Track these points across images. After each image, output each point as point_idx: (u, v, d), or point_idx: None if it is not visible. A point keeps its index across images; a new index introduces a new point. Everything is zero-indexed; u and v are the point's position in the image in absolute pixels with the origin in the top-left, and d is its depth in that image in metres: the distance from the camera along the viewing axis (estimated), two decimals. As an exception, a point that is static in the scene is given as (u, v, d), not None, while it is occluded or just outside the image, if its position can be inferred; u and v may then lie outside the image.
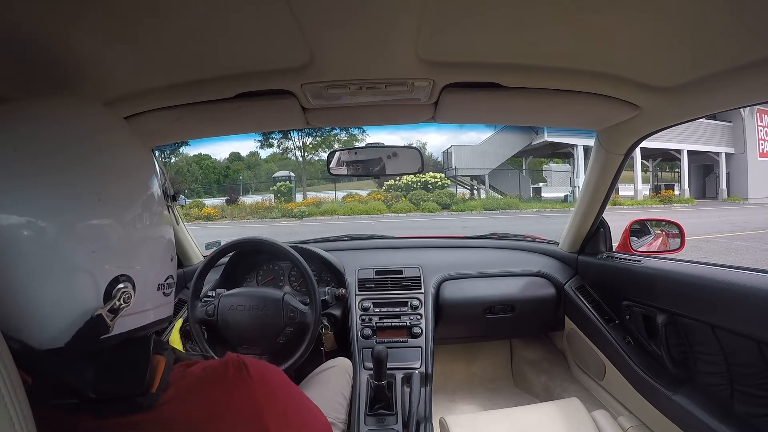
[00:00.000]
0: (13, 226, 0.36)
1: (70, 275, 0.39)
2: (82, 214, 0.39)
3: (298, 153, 16.89)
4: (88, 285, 0.39)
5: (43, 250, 0.37)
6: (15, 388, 0.32)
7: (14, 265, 0.36)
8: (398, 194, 14.45)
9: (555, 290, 1.42)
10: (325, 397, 1.03)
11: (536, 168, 19.74)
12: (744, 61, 0.62)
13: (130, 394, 0.41)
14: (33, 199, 0.37)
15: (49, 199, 0.38)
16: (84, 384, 0.39)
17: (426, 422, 1.01)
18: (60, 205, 0.38)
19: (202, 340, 1.11)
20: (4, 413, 0.31)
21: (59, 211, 0.38)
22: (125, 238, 0.42)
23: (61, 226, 0.38)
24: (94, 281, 0.40)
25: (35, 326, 0.38)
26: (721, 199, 14.38)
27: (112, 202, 0.42)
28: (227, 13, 0.52)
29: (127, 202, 0.44)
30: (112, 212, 0.41)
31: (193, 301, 1.13)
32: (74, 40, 0.54)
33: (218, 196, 17.33)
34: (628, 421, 1.09)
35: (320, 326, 1.15)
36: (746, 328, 0.80)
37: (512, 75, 0.76)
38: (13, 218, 0.36)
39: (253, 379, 0.46)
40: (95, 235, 0.40)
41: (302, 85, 0.77)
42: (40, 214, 0.37)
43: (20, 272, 0.37)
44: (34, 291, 0.37)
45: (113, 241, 0.41)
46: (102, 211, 0.41)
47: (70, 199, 0.39)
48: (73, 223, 0.39)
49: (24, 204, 0.37)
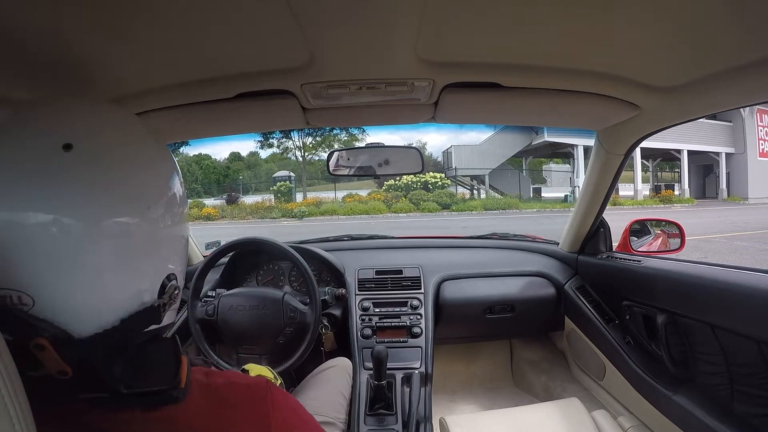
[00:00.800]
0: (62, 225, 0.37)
1: (133, 269, 0.41)
2: (141, 214, 0.41)
3: (298, 153, 16.91)
4: (148, 278, 0.42)
5: (116, 245, 0.39)
6: (15, 388, 0.32)
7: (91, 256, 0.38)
8: (398, 194, 14.46)
9: (555, 290, 1.42)
10: (325, 396, 1.03)
11: (536, 168, 19.74)
12: (744, 61, 0.62)
13: (163, 389, 0.41)
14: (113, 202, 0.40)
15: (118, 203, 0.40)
16: (116, 377, 0.39)
17: (426, 422, 1.01)
18: (133, 206, 0.41)
19: (201, 340, 1.11)
20: (4, 413, 0.31)
21: (126, 211, 0.40)
22: (173, 237, 0.45)
23: (132, 226, 0.40)
24: (153, 275, 0.43)
25: (87, 312, 0.39)
26: (721, 199, 14.39)
27: (163, 202, 0.44)
28: (227, 13, 0.52)
29: (175, 200, 0.46)
30: (164, 211, 0.44)
31: (193, 301, 1.13)
32: (74, 40, 0.54)
33: (218, 196, 17.32)
34: (628, 421, 1.09)
35: (320, 326, 1.15)
36: (746, 328, 0.80)
37: (512, 75, 0.76)
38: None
39: (274, 412, 0.45)
40: (155, 233, 0.43)
41: (302, 85, 0.77)
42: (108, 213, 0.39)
43: (103, 259, 0.39)
44: (102, 279, 0.39)
45: (166, 239, 0.44)
46: (156, 211, 0.43)
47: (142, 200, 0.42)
48: (137, 223, 0.41)
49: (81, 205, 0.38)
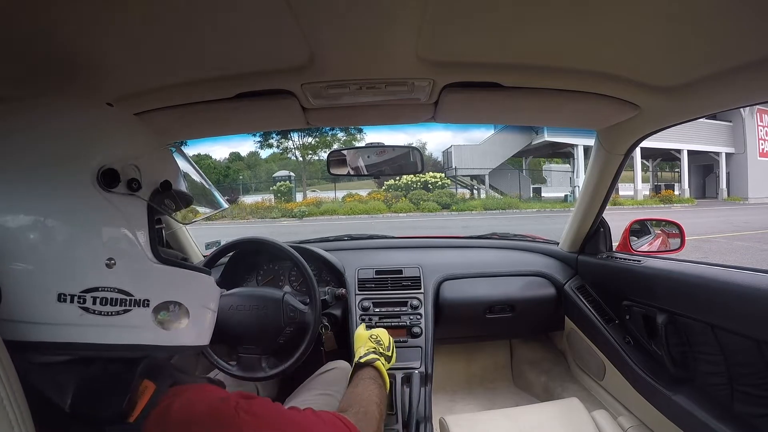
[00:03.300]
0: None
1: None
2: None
3: (298, 153, 16.88)
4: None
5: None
6: (14, 389, 0.32)
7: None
8: (398, 194, 14.44)
9: (555, 290, 1.42)
10: (326, 397, 1.03)
11: (536, 168, 19.73)
12: (744, 61, 0.62)
13: (104, 418, 0.38)
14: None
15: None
16: (61, 397, 0.37)
17: (426, 422, 1.01)
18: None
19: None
20: (3, 415, 0.31)
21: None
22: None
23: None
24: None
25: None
26: (721, 199, 14.38)
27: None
28: (227, 13, 0.52)
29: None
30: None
31: None
32: (74, 40, 0.54)
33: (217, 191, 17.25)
34: (628, 421, 1.09)
35: (320, 326, 1.15)
36: (746, 328, 0.80)
37: (512, 75, 0.76)
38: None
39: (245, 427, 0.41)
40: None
41: (302, 85, 0.77)
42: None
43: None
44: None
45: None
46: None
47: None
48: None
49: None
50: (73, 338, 0.39)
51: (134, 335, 0.42)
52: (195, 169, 0.62)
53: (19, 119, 0.40)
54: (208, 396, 0.44)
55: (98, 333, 0.40)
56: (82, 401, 0.38)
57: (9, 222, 0.37)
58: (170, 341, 0.45)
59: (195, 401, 0.42)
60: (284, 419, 0.46)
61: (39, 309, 0.38)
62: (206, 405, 0.42)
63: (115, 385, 0.40)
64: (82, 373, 0.39)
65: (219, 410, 0.41)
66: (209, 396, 0.44)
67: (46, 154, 0.39)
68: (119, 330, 0.41)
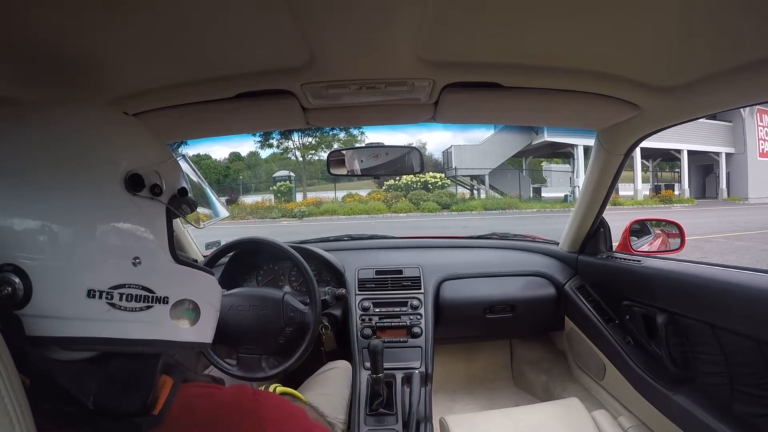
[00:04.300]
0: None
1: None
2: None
3: (298, 153, 16.89)
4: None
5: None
6: (15, 388, 0.32)
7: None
8: (398, 194, 14.43)
9: (555, 290, 1.42)
10: (326, 397, 1.03)
11: (536, 168, 19.72)
12: (744, 61, 0.62)
13: (129, 412, 0.40)
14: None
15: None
16: (84, 393, 0.39)
17: (426, 422, 1.01)
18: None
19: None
20: (4, 414, 0.31)
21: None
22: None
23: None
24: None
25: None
26: (721, 199, 14.38)
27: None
28: (227, 13, 0.52)
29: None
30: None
31: None
32: (74, 40, 0.55)
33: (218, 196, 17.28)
34: (628, 421, 1.09)
35: (320, 326, 1.15)
36: (746, 328, 0.80)
37: (512, 75, 0.76)
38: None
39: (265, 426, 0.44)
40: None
41: (302, 85, 0.77)
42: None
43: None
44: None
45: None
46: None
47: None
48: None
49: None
50: (99, 333, 0.41)
51: (153, 331, 0.45)
52: (200, 179, 0.66)
53: (52, 129, 0.43)
54: (224, 388, 0.49)
55: (121, 328, 0.42)
56: (107, 396, 0.40)
57: (45, 221, 0.39)
58: (183, 337, 0.48)
59: (214, 393, 0.47)
60: (292, 409, 0.50)
61: (68, 304, 0.39)
62: (227, 393, 0.47)
63: (139, 380, 0.42)
64: (105, 370, 0.41)
65: (239, 396, 0.46)
66: (226, 388, 0.49)
67: (78, 160, 0.42)
68: (141, 325, 0.43)
